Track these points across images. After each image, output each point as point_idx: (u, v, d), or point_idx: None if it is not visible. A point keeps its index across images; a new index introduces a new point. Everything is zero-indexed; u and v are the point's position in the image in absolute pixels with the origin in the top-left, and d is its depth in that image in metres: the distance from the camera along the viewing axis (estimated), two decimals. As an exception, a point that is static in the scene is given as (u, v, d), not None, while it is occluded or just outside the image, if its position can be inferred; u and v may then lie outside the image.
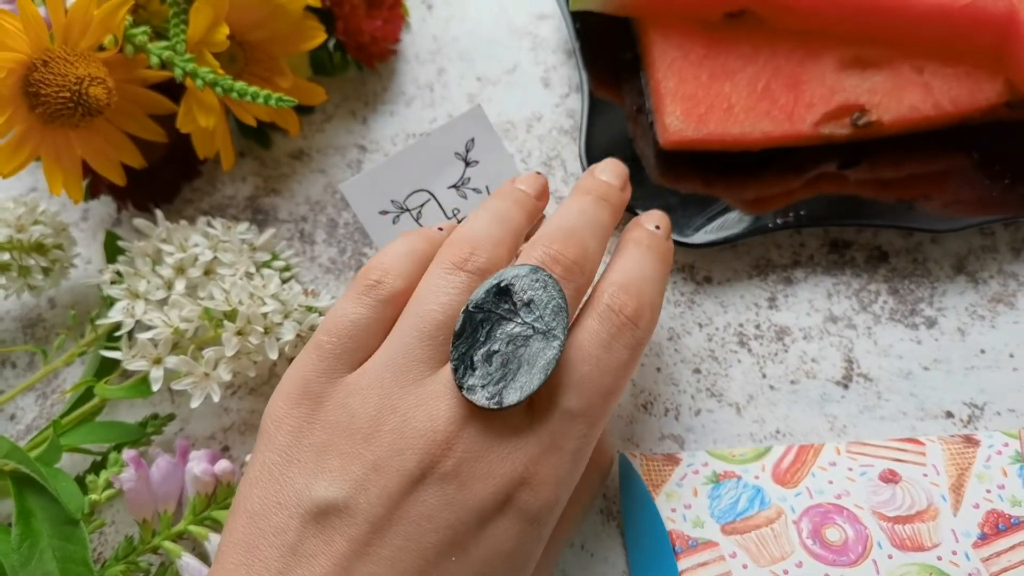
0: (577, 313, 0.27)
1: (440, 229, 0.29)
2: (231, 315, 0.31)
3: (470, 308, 0.24)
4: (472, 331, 0.24)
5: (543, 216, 0.31)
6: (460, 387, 0.23)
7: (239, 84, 0.32)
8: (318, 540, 0.23)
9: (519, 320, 0.24)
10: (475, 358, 0.24)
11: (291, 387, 0.25)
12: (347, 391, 0.25)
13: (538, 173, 0.31)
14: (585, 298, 0.27)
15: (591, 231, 0.28)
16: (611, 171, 0.31)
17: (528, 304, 0.24)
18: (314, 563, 0.23)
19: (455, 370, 0.24)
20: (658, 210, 0.31)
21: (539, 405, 0.25)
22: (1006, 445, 0.31)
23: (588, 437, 0.25)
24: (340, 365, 0.25)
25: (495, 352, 0.24)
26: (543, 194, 0.31)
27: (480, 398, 0.23)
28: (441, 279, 0.26)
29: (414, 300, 0.26)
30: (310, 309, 0.33)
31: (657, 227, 0.30)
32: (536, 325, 0.24)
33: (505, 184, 0.31)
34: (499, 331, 0.24)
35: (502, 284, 0.24)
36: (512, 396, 0.23)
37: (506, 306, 0.24)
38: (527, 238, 0.30)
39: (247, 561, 0.23)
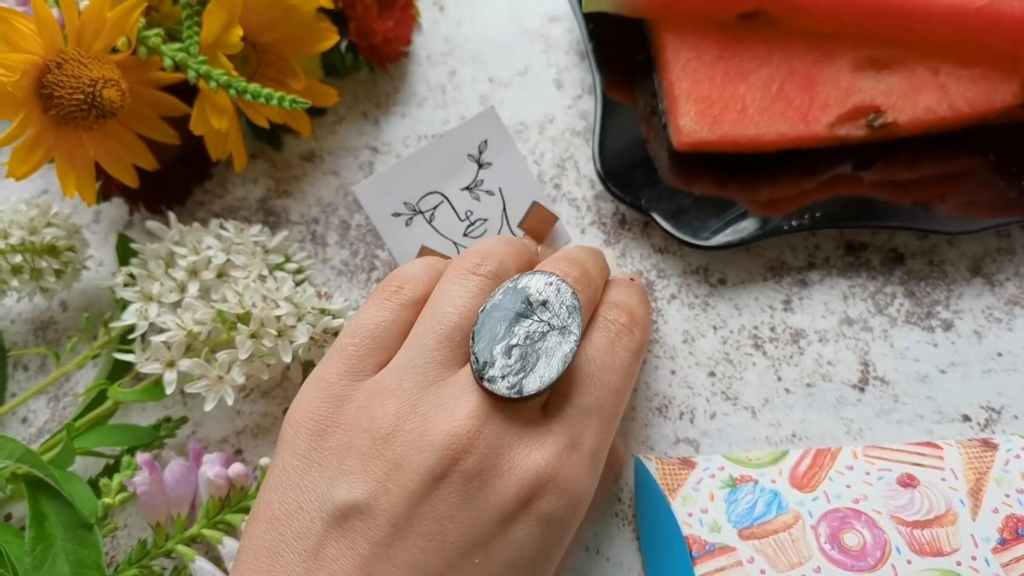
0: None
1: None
2: (244, 318, 0.31)
3: (488, 307, 0.25)
4: (491, 327, 0.25)
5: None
6: (481, 378, 0.24)
7: (253, 86, 0.32)
8: (340, 543, 0.23)
9: (536, 318, 0.25)
10: (495, 351, 0.25)
11: (314, 390, 0.26)
12: (368, 393, 0.25)
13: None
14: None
15: (592, 262, 0.30)
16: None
17: (544, 304, 0.25)
18: (335, 566, 0.22)
19: (475, 362, 0.24)
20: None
21: (555, 405, 0.25)
22: (1025, 449, 0.31)
23: (603, 436, 0.26)
24: (362, 368, 0.26)
25: (514, 346, 0.25)
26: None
27: (501, 388, 0.24)
28: (454, 284, 0.27)
29: (430, 305, 0.27)
30: (323, 312, 0.33)
31: (632, 279, 0.33)
32: (552, 322, 0.25)
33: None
34: (517, 327, 0.25)
35: (518, 286, 0.26)
36: (532, 385, 0.24)
37: (523, 305, 0.25)
38: None
39: (268, 567, 0.23)
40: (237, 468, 0.31)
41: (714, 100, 0.36)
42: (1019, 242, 0.36)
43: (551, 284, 0.26)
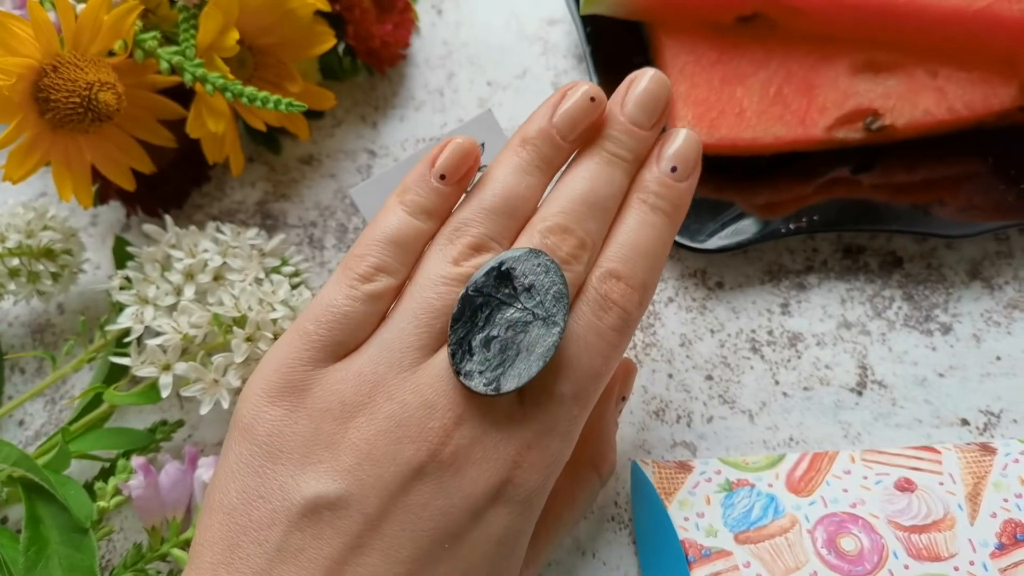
0: None
1: (443, 177, 0.26)
2: (240, 321, 0.31)
3: (469, 291, 0.24)
4: (471, 315, 0.23)
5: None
6: (458, 372, 0.23)
7: (249, 89, 0.32)
8: (306, 535, 0.22)
9: (519, 305, 0.24)
10: (473, 343, 0.23)
11: (271, 375, 0.24)
12: (337, 377, 0.24)
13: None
14: None
15: (594, 211, 0.25)
16: (642, 104, 0.26)
17: (529, 289, 0.24)
18: (301, 558, 0.21)
19: (452, 355, 0.23)
20: (684, 131, 0.27)
21: (532, 391, 0.24)
22: (1023, 453, 0.30)
23: (578, 419, 0.25)
24: (326, 355, 0.24)
25: (494, 338, 0.23)
26: (574, 137, 0.26)
27: (478, 384, 0.23)
28: (442, 268, 0.25)
29: (414, 287, 0.25)
30: (320, 315, 0.33)
31: (674, 168, 0.26)
32: (536, 311, 0.23)
33: (513, 139, 0.27)
34: (499, 316, 0.23)
35: (503, 267, 0.24)
36: (510, 383, 0.23)
37: (506, 290, 0.24)
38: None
39: (227, 560, 0.22)
40: (233, 472, 0.31)
41: (712, 103, 0.36)
42: (1018, 245, 0.36)
43: (539, 265, 0.24)
